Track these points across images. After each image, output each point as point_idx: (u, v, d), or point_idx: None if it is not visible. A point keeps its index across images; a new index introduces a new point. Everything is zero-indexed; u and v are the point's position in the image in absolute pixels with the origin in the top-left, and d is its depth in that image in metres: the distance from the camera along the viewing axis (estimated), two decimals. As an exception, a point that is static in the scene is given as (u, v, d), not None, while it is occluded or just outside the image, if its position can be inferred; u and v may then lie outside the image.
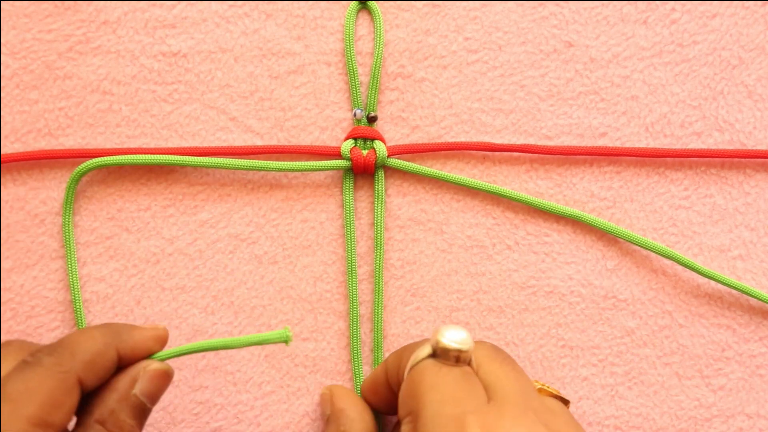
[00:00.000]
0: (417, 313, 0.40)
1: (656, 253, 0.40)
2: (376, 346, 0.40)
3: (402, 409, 0.32)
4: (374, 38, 0.40)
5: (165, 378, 0.33)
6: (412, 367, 0.33)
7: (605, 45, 0.41)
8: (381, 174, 0.40)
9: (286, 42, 0.41)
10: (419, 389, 0.31)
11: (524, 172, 0.41)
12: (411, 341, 0.40)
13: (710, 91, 0.41)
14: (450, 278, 0.40)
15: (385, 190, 0.40)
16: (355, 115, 0.40)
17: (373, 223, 0.40)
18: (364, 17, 0.41)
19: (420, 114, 0.41)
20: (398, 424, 0.34)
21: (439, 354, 0.32)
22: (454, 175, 0.40)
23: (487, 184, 0.40)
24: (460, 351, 0.32)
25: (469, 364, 0.32)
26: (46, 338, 0.40)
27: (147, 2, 0.40)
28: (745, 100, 0.41)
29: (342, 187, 0.40)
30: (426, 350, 0.32)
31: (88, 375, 0.31)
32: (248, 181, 0.40)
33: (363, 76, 0.41)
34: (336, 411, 0.37)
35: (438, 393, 0.31)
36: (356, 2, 0.41)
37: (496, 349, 0.34)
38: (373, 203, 0.41)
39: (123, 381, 0.32)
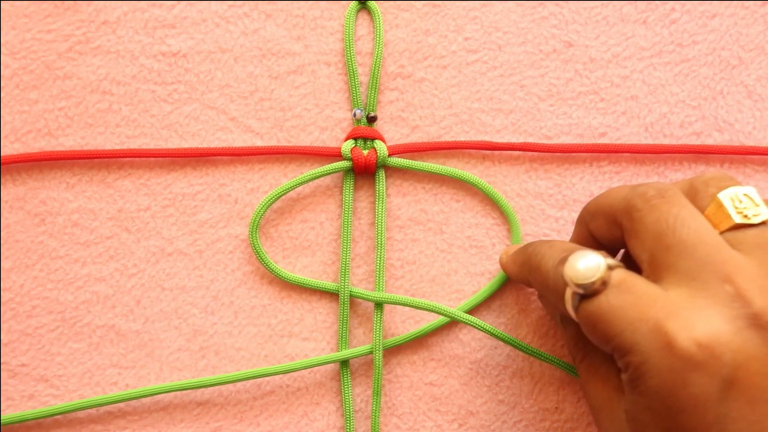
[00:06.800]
0: (416, 312, 0.40)
1: (656, 253, 0.40)
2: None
3: (604, 348, 0.31)
4: (374, 38, 0.40)
5: None
6: (575, 312, 0.31)
7: (605, 45, 0.41)
8: (382, 174, 0.40)
9: (285, 42, 0.41)
10: (599, 330, 0.30)
11: (524, 171, 0.41)
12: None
13: (710, 91, 0.41)
14: (450, 278, 0.40)
15: (385, 190, 0.40)
16: (354, 115, 0.40)
17: (374, 224, 0.40)
18: (363, 17, 0.41)
19: (420, 114, 0.41)
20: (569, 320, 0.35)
21: (585, 291, 0.30)
22: (458, 170, 0.40)
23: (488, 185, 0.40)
24: (602, 281, 0.30)
25: (617, 267, 0.30)
26: (47, 339, 0.40)
27: (147, 2, 0.40)
28: (745, 100, 0.41)
29: (342, 187, 0.40)
30: (572, 295, 0.31)
31: None
32: (248, 181, 0.40)
33: (363, 76, 0.41)
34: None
35: (619, 322, 0.29)
36: (356, 2, 0.41)
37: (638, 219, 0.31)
38: (372, 203, 0.41)
39: None
